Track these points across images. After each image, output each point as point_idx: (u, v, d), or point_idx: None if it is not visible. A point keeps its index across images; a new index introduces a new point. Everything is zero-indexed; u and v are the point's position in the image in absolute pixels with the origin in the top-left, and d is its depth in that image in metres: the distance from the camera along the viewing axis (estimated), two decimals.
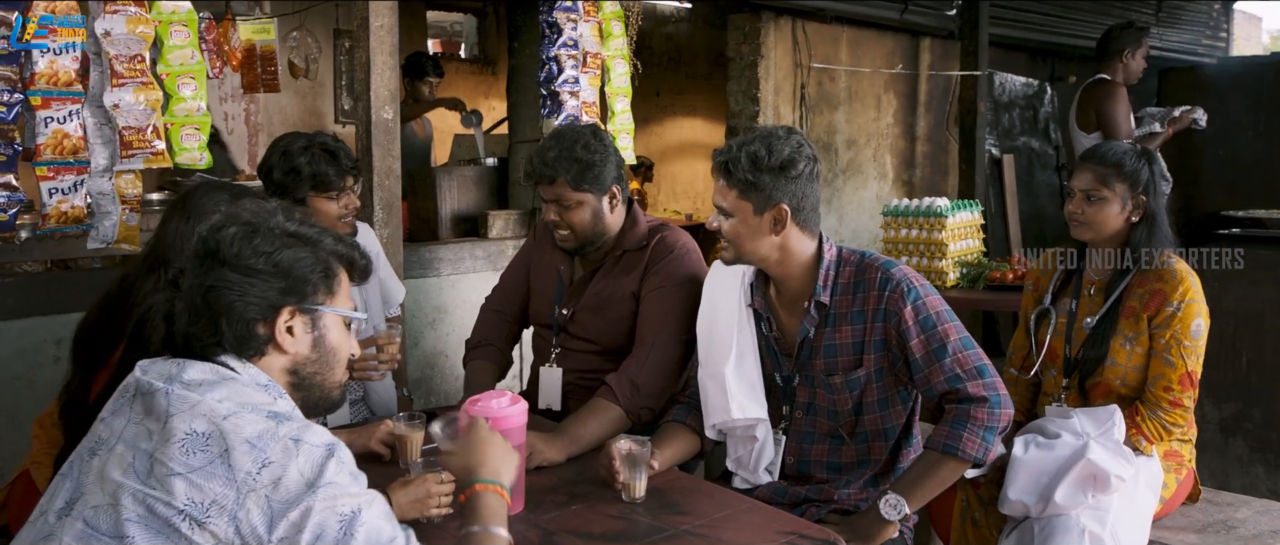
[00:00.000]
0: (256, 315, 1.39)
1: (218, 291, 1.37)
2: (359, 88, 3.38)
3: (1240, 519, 2.40)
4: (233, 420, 1.28)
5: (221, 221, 1.42)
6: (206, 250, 1.39)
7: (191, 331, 1.38)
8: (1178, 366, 2.33)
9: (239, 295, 1.38)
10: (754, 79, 5.49)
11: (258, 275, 1.38)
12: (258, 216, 1.43)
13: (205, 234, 1.41)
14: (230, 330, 1.38)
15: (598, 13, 4.13)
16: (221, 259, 1.38)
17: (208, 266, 1.38)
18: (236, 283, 1.37)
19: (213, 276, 1.37)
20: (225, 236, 1.39)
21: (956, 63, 6.63)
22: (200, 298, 1.38)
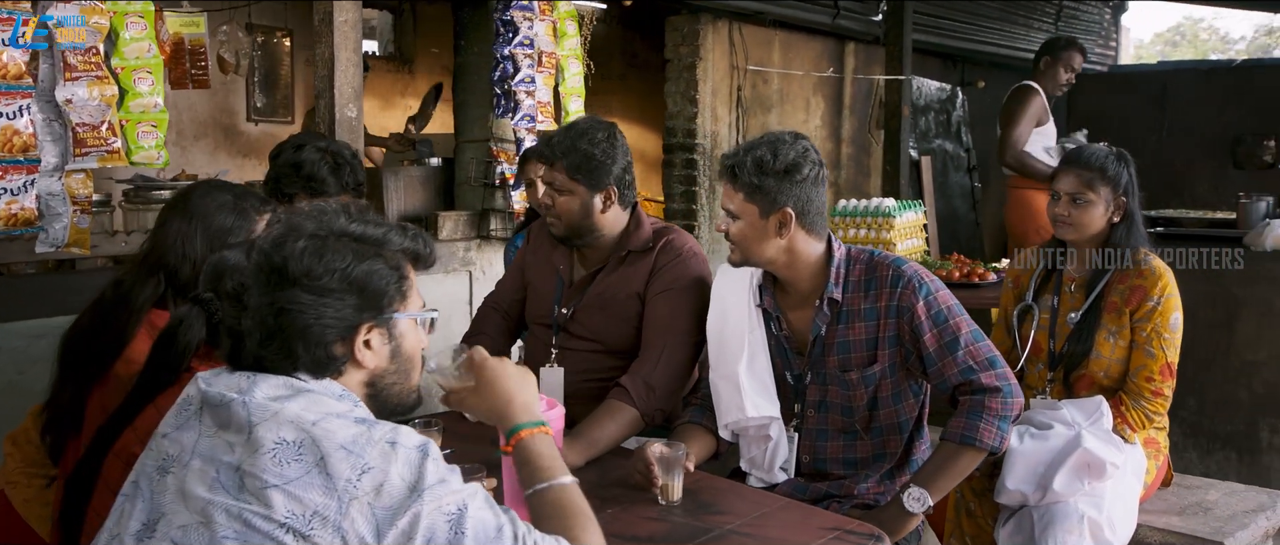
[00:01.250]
0: (334, 336, 1.32)
1: (290, 314, 1.29)
2: (322, 85, 3.26)
3: (1212, 501, 2.54)
4: (322, 426, 1.22)
5: (284, 234, 1.32)
6: (272, 267, 1.29)
7: (263, 355, 1.30)
8: (1159, 358, 2.45)
9: (315, 318, 1.30)
10: (692, 80, 5.53)
11: (332, 294, 1.30)
12: (322, 225, 1.34)
13: (267, 249, 1.31)
14: (307, 354, 1.31)
15: (552, 12, 4.10)
16: (290, 278, 1.29)
17: (276, 286, 1.29)
18: (310, 304, 1.29)
19: (283, 298, 1.29)
20: (293, 253, 1.30)
21: (878, 67, 6.82)
22: (271, 320, 1.29)
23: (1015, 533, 2.40)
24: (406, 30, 8.54)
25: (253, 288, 1.30)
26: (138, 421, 1.65)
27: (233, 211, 2.02)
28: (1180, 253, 3.77)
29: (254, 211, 2.06)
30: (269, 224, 1.36)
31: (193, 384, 1.35)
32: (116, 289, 1.98)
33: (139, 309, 1.95)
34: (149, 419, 1.64)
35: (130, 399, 1.69)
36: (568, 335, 2.55)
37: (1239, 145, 5.73)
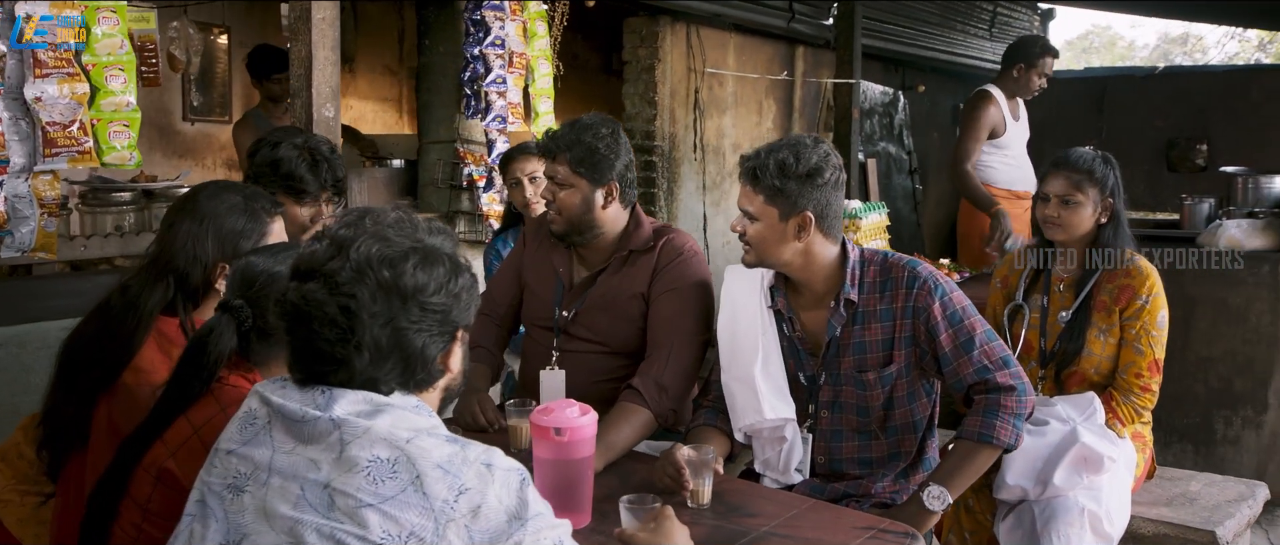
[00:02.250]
0: (439, 351, 1.29)
1: (406, 333, 1.25)
2: (298, 84, 3.16)
3: (1196, 492, 2.64)
4: (417, 444, 1.18)
5: (393, 252, 1.26)
6: (383, 284, 1.24)
7: (377, 375, 1.25)
8: (1147, 354, 2.54)
9: (430, 335, 1.27)
10: (652, 82, 5.52)
11: (439, 310, 1.28)
12: (416, 238, 1.30)
13: (373, 260, 1.24)
14: (422, 371, 1.27)
15: (522, 12, 4.05)
16: (403, 293, 1.25)
17: (390, 304, 1.24)
18: (421, 320, 1.26)
19: (400, 316, 1.25)
20: (406, 270, 1.25)
21: (826, 70, 6.92)
22: (386, 339, 1.24)
23: (1015, 527, 2.45)
24: (347, 29, 8.35)
25: (363, 305, 1.24)
26: (168, 435, 1.58)
27: (244, 213, 1.96)
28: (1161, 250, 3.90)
29: (265, 213, 1.99)
30: (338, 230, 1.26)
31: (254, 397, 1.29)
32: (123, 295, 1.89)
33: (148, 315, 1.87)
34: (180, 431, 1.57)
35: (158, 411, 1.61)
36: (569, 337, 2.53)
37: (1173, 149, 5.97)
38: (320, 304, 1.22)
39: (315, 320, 1.23)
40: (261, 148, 2.44)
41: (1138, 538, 2.46)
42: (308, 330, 1.24)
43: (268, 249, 1.76)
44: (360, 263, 1.23)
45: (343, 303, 1.22)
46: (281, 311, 1.26)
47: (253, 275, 1.66)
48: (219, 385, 1.61)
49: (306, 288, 1.23)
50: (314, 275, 1.24)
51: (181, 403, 1.59)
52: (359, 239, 1.25)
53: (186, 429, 1.56)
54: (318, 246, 1.26)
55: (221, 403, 1.58)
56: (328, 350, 1.23)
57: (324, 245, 1.26)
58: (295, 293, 1.24)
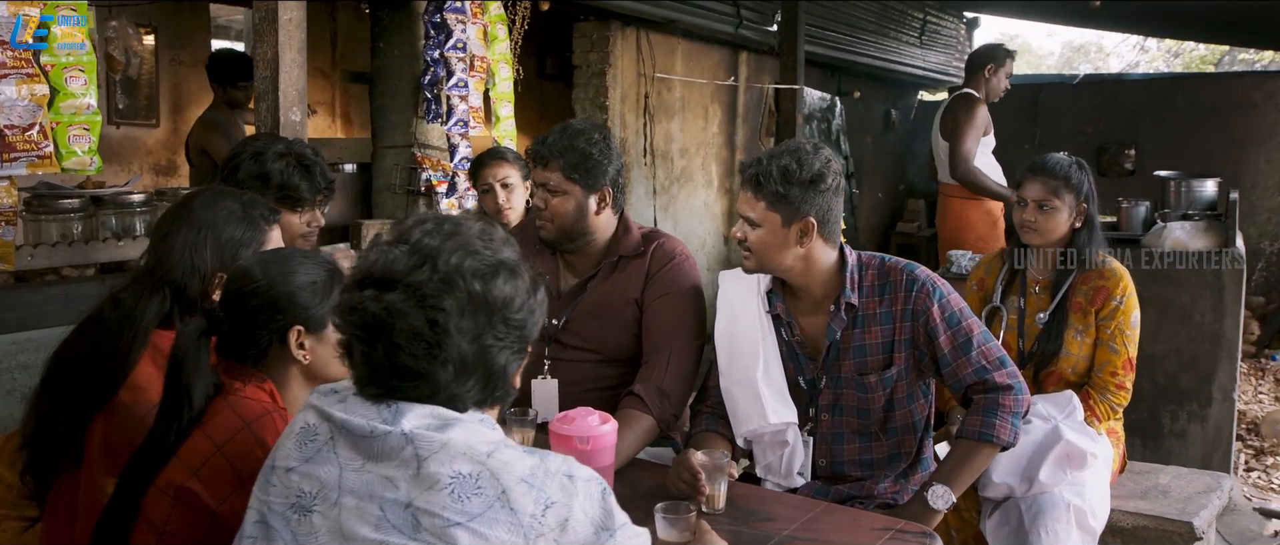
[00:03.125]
0: (515, 368, 1.27)
1: (491, 350, 1.22)
2: (263, 88, 3.06)
3: (1166, 485, 2.73)
4: (497, 458, 1.14)
5: (482, 265, 1.22)
6: (475, 298, 1.20)
7: (458, 392, 1.21)
8: (1121, 353, 2.62)
9: (511, 353, 1.24)
10: (602, 87, 5.51)
11: (520, 327, 1.25)
12: (503, 252, 1.26)
13: (465, 272, 1.21)
14: (501, 388, 1.24)
15: (483, 15, 4.00)
16: (490, 307, 1.21)
17: (476, 316, 1.20)
18: (505, 336, 1.23)
19: (487, 331, 1.21)
20: (496, 283, 1.22)
21: (768, 76, 7.00)
22: (472, 355, 1.20)
23: (1001, 524, 2.50)
24: None
25: (451, 319, 1.19)
26: (184, 452, 1.51)
27: (242, 221, 1.89)
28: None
29: (263, 221, 1.93)
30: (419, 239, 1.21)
31: (309, 411, 1.24)
32: (116, 308, 1.81)
33: (144, 329, 1.79)
34: (201, 449, 1.51)
35: (164, 428, 1.53)
36: (560, 346, 2.50)
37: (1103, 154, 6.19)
38: (405, 315, 1.17)
39: (398, 332, 1.18)
40: (242, 162, 2.34)
41: (1118, 530, 2.53)
42: (388, 343, 1.18)
43: (259, 256, 1.69)
44: (449, 274, 1.19)
45: (430, 315, 1.18)
46: (358, 322, 1.20)
47: (237, 284, 1.61)
48: (235, 398, 1.55)
49: (388, 298, 1.18)
50: (395, 285, 1.19)
51: (180, 419, 1.52)
52: (445, 249, 1.21)
53: (208, 446, 1.50)
54: (393, 254, 1.21)
55: (244, 417, 1.52)
56: (411, 364, 1.18)
57: (401, 253, 1.21)
58: (376, 303, 1.18)
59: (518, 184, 3.23)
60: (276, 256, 1.63)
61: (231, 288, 1.60)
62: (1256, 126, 6.34)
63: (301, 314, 1.58)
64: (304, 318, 1.59)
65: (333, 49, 8.06)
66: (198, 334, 1.53)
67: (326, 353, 1.62)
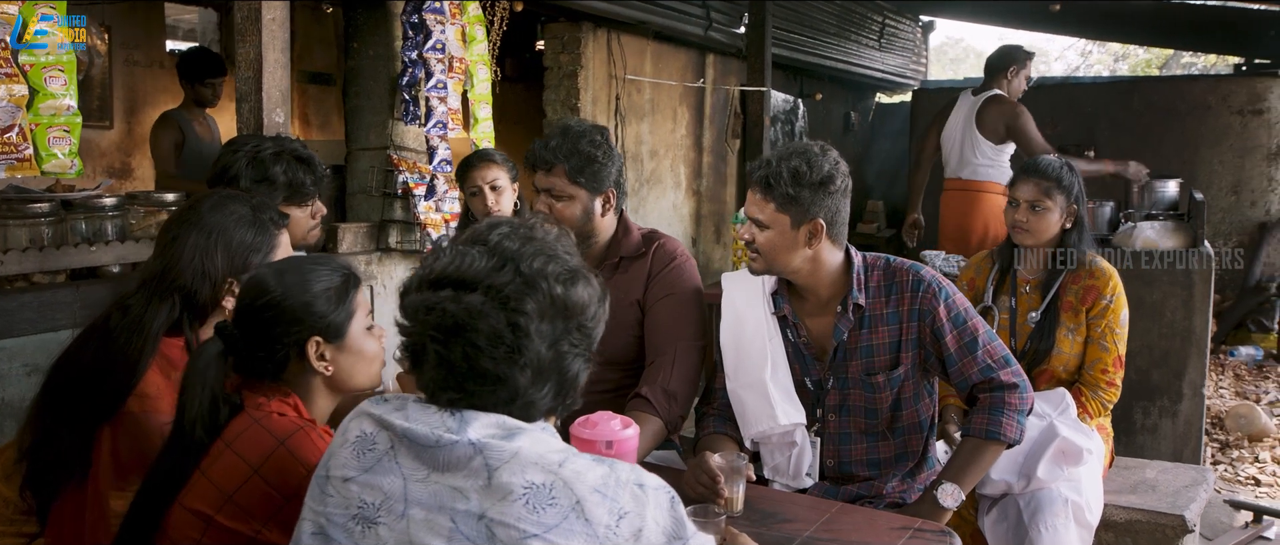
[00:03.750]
0: (585, 374, 1.26)
1: (567, 356, 1.20)
2: (246, 88, 3.00)
3: (1154, 479, 2.79)
4: (569, 468, 1.12)
5: (563, 270, 1.21)
6: (557, 302, 1.19)
7: (534, 398, 1.19)
8: (1112, 351, 2.67)
9: (583, 361, 1.23)
10: (574, 89, 5.49)
11: (591, 334, 1.24)
12: (575, 257, 1.25)
13: (548, 276, 1.18)
14: (570, 394, 1.22)
15: (462, 15, 3.96)
16: (568, 312, 1.20)
17: (555, 321, 1.19)
18: (579, 343, 1.22)
19: (564, 337, 1.20)
20: (576, 289, 1.20)
21: (733, 78, 7.03)
22: (549, 361, 1.19)
23: (999, 521, 2.53)
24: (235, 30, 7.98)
25: (531, 323, 1.17)
26: (215, 472, 1.46)
27: (252, 225, 1.84)
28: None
29: (273, 225, 1.88)
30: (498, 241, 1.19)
31: (365, 419, 1.21)
32: (124, 314, 1.75)
33: (154, 337, 1.74)
34: (232, 470, 1.46)
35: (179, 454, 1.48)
36: None
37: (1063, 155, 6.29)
38: (486, 316, 1.15)
39: (479, 334, 1.15)
40: (238, 169, 2.26)
41: (1111, 525, 2.58)
42: (468, 345, 1.16)
43: (278, 265, 1.64)
44: (532, 277, 1.17)
45: (512, 317, 1.16)
46: (436, 322, 1.17)
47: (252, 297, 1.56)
48: (261, 414, 1.50)
49: (469, 299, 1.16)
50: (476, 286, 1.16)
51: (195, 443, 1.47)
52: (526, 252, 1.19)
53: (242, 468, 1.44)
54: (471, 255, 1.19)
55: (277, 435, 1.47)
56: (490, 367, 1.16)
57: (479, 254, 1.18)
58: (454, 303, 1.16)
59: (506, 186, 3.19)
60: (289, 266, 1.58)
61: (245, 301, 1.55)
62: (1210, 128, 6.52)
63: (319, 323, 1.54)
64: (322, 327, 1.54)
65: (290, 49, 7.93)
66: (215, 355, 1.48)
67: (349, 362, 1.58)
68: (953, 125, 4.95)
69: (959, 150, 4.90)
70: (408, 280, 1.25)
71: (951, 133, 4.94)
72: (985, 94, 4.87)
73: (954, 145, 4.93)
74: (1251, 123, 6.45)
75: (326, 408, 1.62)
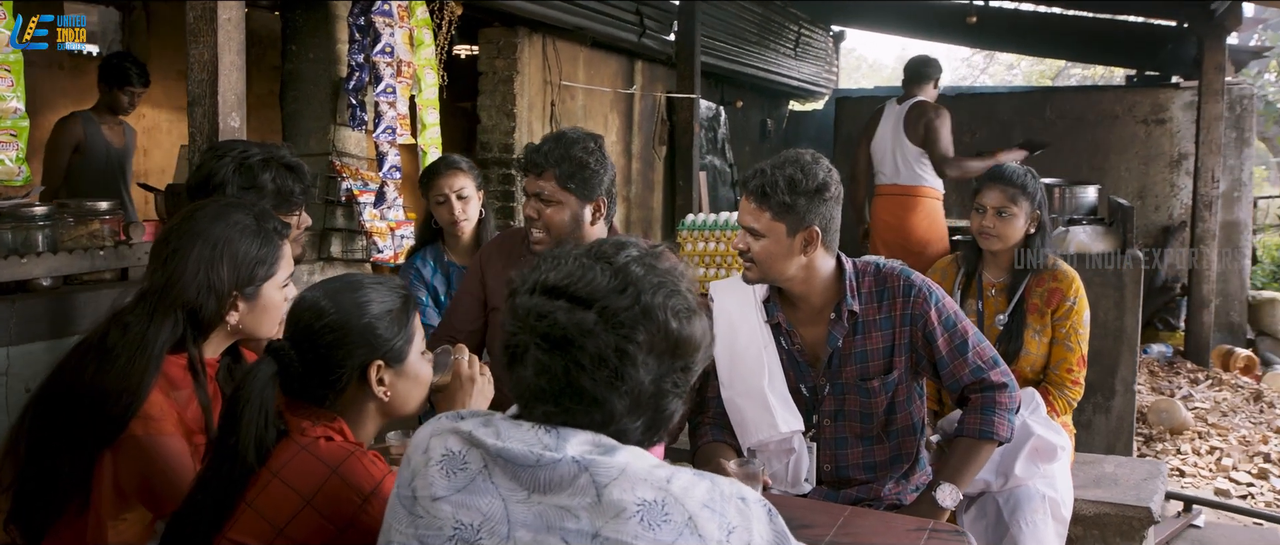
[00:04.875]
0: (680, 415, 1.23)
1: (667, 395, 1.18)
2: (199, 91, 2.86)
3: (1113, 473, 2.90)
4: (678, 483, 1.10)
5: (683, 306, 1.17)
6: (670, 337, 1.16)
7: (627, 427, 1.16)
8: (1076, 351, 2.77)
9: (680, 401, 1.20)
10: (510, 94, 5.42)
11: (692, 374, 1.22)
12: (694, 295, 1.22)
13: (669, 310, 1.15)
14: (659, 434, 1.19)
15: (410, 19, 3.87)
16: (676, 350, 1.17)
17: (661, 357, 1.16)
18: (681, 383, 1.19)
19: (668, 375, 1.17)
20: (691, 328, 1.17)
21: (660, 85, 7.06)
22: (649, 393, 1.16)
23: (978, 518, 2.59)
24: (138, 31, 7.61)
25: (639, 350, 1.14)
26: (263, 503, 1.38)
27: (257, 236, 1.75)
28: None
29: (277, 235, 1.80)
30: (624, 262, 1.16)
31: (451, 437, 1.16)
32: (125, 333, 1.64)
33: (158, 355, 1.64)
34: (282, 501, 1.38)
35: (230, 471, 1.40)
36: None
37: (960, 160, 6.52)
38: (594, 336, 1.12)
39: (584, 352, 1.12)
40: (224, 173, 2.14)
41: (1080, 518, 2.67)
42: (571, 360, 1.13)
43: (324, 286, 1.56)
44: (650, 308, 1.14)
45: (620, 344, 1.12)
46: (545, 330, 1.13)
47: (309, 320, 1.49)
48: (308, 441, 1.42)
49: (580, 316, 1.12)
50: (592, 304, 1.13)
51: (240, 472, 1.39)
52: (649, 281, 1.16)
53: (293, 498, 1.37)
54: (595, 271, 1.15)
55: (328, 463, 1.40)
56: (589, 387, 1.13)
57: (603, 272, 1.15)
58: (567, 315, 1.12)
59: (473, 194, 3.13)
60: (346, 285, 1.51)
61: (302, 323, 1.47)
62: (1118, 137, 6.86)
63: (383, 347, 1.47)
64: (385, 351, 1.48)
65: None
66: (269, 376, 1.41)
67: (406, 387, 1.53)
68: (883, 134, 5.11)
69: (892, 157, 5.06)
70: (517, 279, 1.21)
71: (882, 141, 5.09)
72: (911, 101, 5.05)
73: (886, 153, 5.09)
74: (1155, 132, 6.82)
75: (373, 432, 1.56)
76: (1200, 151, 5.61)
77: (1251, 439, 4.51)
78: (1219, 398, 5.16)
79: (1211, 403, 5.08)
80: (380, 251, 3.97)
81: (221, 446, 1.41)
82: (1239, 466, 4.18)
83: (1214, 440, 4.42)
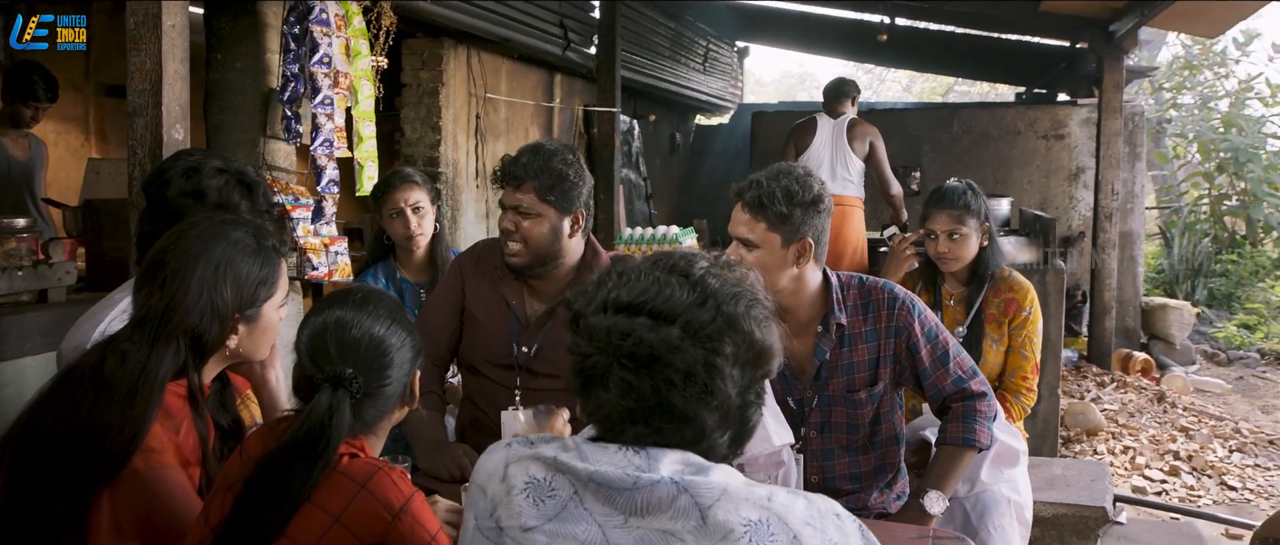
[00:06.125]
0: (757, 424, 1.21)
1: (751, 406, 1.16)
2: (141, 102, 2.70)
3: (1061, 475, 3.02)
4: (778, 502, 1.09)
5: (764, 315, 1.16)
6: (755, 348, 1.14)
7: (713, 443, 1.14)
8: (1031, 359, 2.87)
9: (758, 411, 1.19)
10: (435, 106, 5.32)
11: (766, 383, 1.21)
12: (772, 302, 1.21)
13: (753, 319, 1.13)
14: (741, 447, 1.18)
15: (346, 28, 3.75)
16: (758, 360, 1.16)
17: (745, 367, 1.15)
18: (760, 393, 1.19)
19: (751, 386, 1.16)
20: (771, 337, 1.16)
21: (577, 98, 7.04)
22: (736, 405, 1.14)
23: (945, 523, 2.64)
24: None
25: (726, 362, 1.12)
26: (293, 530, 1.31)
27: (257, 255, 1.67)
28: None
29: (276, 253, 1.71)
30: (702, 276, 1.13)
31: (532, 463, 1.12)
32: (123, 362, 1.53)
33: (160, 387, 1.53)
34: (310, 521, 1.32)
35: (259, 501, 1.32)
36: (532, 375, 2.40)
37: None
38: (683, 352, 1.09)
39: (674, 370, 1.09)
40: (170, 179, 2.01)
41: (1040, 520, 2.77)
42: (660, 379, 1.09)
43: (344, 302, 1.49)
44: (733, 318, 1.12)
45: (708, 357, 1.10)
46: (629, 350, 1.10)
47: (356, 340, 1.43)
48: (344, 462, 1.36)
49: (665, 332, 1.09)
50: (675, 319, 1.10)
51: (303, 489, 1.32)
52: (726, 292, 1.14)
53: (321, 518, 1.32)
54: (672, 286, 1.12)
55: (356, 479, 1.34)
56: (680, 404, 1.10)
57: (680, 285, 1.12)
58: (653, 333, 1.09)
59: (428, 208, 3.05)
60: (377, 302, 1.46)
61: (364, 354, 1.42)
62: (1020, 151, 7.17)
63: (419, 357, 1.43)
64: (420, 361, 1.43)
65: (86, 59, 7.22)
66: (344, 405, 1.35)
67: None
68: (819, 145, 5.23)
69: (829, 168, 5.19)
70: (580, 300, 1.17)
71: (819, 152, 5.21)
72: (845, 117, 5.21)
73: (823, 164, 5.21)
74: (1055, 146, 7.15)
75: (379, 447, 1.50)
76: (1100, 165, 5.91)
77: (1160, 438, 4.76)
78: (1125, 399, 5.43)
79: (1119, 404, 5.34)
80: (314, 268, 3.82)
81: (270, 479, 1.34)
82: (1152, 465, 4.41)
83: (1126, 440, 4.65)
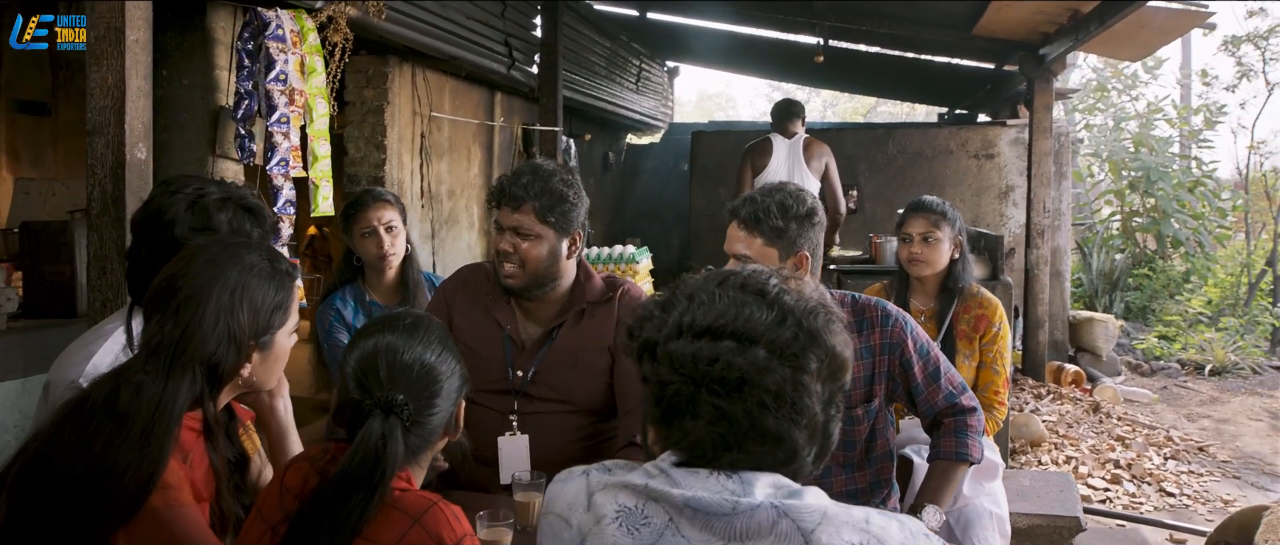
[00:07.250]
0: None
1: (833, 420, 1.15)
2: (101, 120, 2.59)
3: (1027, 487, 3.09)
4: (876, 523, 1.09)
5: (839, 327, 1.16)
6: (835, 362, 1.14)
7: (805, 462, 1.14)
8: (1001, 373, 2.94)
9: (839, 419, 1.19)
10: (380, 125, 5.22)
11: (840, 394, 1.20)
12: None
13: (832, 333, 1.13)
14: (821, 462, 1.17)
15: (302, 45, 3.66)
16: (836, 373, 1.15)
17: (825, 381, 1.14)
18: (839, 406, 1.18)
19: (832, 399, 1.15)
20: (847, 352, 1.15)
21: (517, 117, 6.99)
22: (821, 419, 1.14)
23: None
24: None
25: (811, 379, 1.11)
26: None
27: (272, 280, 1.60)
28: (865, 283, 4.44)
29: (289, 278, 1.65)
30: (776, 292, 1.11)
31: (622, 492, 1.10)
32: (138, 395, 1.44)
33: (178, 420, 1.46)
34: None
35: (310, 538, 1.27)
36: (528, 399, 2.36)
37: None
38: (771, 372, 1.07)
39: (765, 391, 1.08)
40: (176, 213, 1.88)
41: (1016, 531, 2.82)
42: (751, 402, 1.08)
43: (394, 327, 1.44)
44: (814, 333, 1.11)
45: (796, 375, 1.09)
46: (718, 375, 1.08)
47: (407, 365, 1.38)
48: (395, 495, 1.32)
49: (752, 354, 1.07)
50: (758, 340, 1.09)
51: (355, 522, 1.27)
52: (802, 307, 1.12)
53: None
54: (749, 305, 1.10)
55: (409, 513, 1.30)
56: (773, 425, 1.08)
57: (756, 303, 1.10)
58: (740, 356, 1.07)
59: (400, 227, 2.98)
60: (427, 328, 1.41)
61: (415, 380, 1.38)
62: (953, 170, 7.37)
63: (465, 382, 1.39)
64: (466, 387, 1.39)
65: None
66: (397, 432, 1.30)
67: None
68: (776, 164, 5.30)
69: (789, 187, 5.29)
70: (648, 328, 1.15)
71: (776, 171, 5.28)
72: (799, 136, 5.30)
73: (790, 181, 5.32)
74: (985, 166, 7.37)
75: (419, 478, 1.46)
76: (1032, 184, 6.11)
77: (1100, 447, 4.92)
78: (1063, 410, 5.60)
79: (1057, 415, 5.51)
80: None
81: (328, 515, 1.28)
82: (1094, 473, 4.55)
83: (1068, 450, 4.79)
